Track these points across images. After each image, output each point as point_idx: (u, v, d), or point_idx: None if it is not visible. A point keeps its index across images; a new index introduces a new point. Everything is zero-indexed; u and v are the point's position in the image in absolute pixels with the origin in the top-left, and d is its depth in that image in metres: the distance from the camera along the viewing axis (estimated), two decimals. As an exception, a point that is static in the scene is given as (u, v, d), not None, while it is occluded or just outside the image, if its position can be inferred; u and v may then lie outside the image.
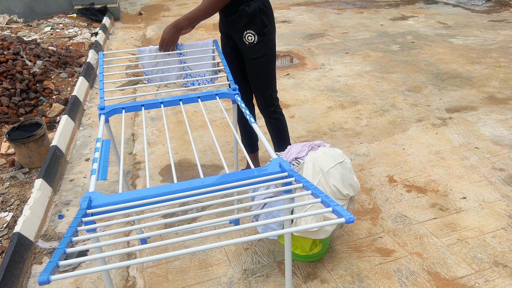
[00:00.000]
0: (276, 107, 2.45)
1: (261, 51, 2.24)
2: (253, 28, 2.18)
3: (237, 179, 1.28)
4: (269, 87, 2.36)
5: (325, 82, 4.35)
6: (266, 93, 2.37)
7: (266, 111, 2.44)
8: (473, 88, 4.04)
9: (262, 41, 2.22)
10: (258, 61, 2.27)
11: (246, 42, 2.22)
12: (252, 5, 2.14)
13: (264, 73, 2.31)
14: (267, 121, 2.48)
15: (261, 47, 2.23)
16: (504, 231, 2.25)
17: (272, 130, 2.51)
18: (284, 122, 2.51)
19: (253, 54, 2.25)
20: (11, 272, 2.01)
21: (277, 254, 2.19)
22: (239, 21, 2.18)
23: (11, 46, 4.25)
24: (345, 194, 1.90)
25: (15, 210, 2.58)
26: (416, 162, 2.91)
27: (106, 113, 1.78)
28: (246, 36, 2.20)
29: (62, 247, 0.95)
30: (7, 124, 3.47)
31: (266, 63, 2.29)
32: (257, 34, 2.20)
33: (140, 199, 1.20)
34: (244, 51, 2.27)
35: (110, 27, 6.76)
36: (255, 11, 2.15)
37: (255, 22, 2.17)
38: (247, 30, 2.19)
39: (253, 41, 2.21)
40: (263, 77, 2.33)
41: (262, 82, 2.34)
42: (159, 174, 2.94)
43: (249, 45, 2.22)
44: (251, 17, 2.16)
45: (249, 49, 2.24)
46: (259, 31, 2.19)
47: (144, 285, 2.06)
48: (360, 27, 6.33)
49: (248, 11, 2.15)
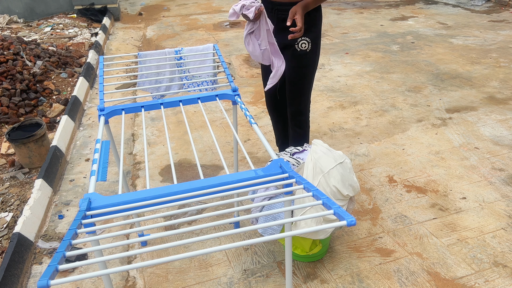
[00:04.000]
0: (306, 117, 2.39)
1: (310, 59, 2.18)
2: (309, 36, 2.11)
3: (238, 180, 1.28)
4: (304, 96, 2.30)
5: (325, 82, 4.35)
6: (301, 102, 2.31)
7: (295, 119, 2.38)
8: (473, 88, 4.04)
9: (314, 50, 2.15)
10: (305, 69, 2.20)
11: (298, 48, 2.13)
12: (313, 13, 2.07)
13: (305, 82, 2.24)
14: (292, 128, 2.42)
15: (311, 56, 2.17)
16: (504, 231, 2.26)
17: (293, 137, 2.45)
18: (308, 134, 2.45)
19: (302, 62, 2.17)
20: (11, 272, 2.01)
21: (277, 254, 2.19)
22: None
23: (11, 46, 4.25)
24: (345, 194, 1.90)
25: (15, 210, 2.58)
26: (416, 162, 2.92)
27: (105, 114, 1.78)
28: (300, 43, 2.11)
29: (61, 251, 0.94)
30: (7, 124, 3.47)
31: (310, 72, 2.23)
32: (311, 42, 2.12)
33: (139, 201, 1.20)
34: (293, 57, 2.17)
35: (110, 27, 6.76)
36: (314, 19, 2.08)
37: (312, 30, 2.10)
38: (303, 37, 2.10)
39: (306, 48, 2.13)
40: (302, 86, 2.25)
41: (301, 90, 2.26)
42: (159, 174, 2.94)
43: (301, 52, 2.14)
44: (309, 24, 2.08)
45: (299, 56, 2.15)
46: (314, 40, 2.13)
47: (144, 285, 2.06)
48: (360, 27, 6.33)
49: (307, 18, 2.06)
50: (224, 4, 8.18)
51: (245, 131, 3.46)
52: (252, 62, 5.02)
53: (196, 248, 2.26)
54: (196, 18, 7.38)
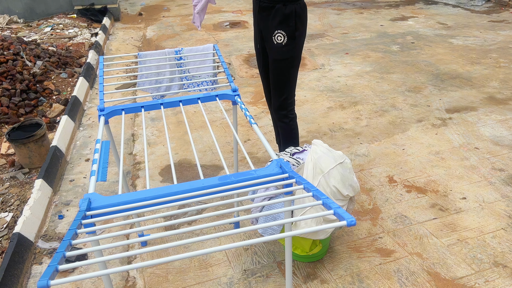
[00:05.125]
0: (289, 112, 2.42)
1: (287, 54, 2.21)
2: (285, 29, 2.15)
3: (238, 180, 1.28)
4: (286, 90, 2.34)
5: (325, 82, 4.35)
6: (282, 95, 2.35)
7: (278, 113, 2.42)
8: (473, 89, 4.04)
9: (290, 44, 2.19)
10: (281, 63, 2.24)
11: (275, 41, 2.19)
12: (290, 6, 2.11)
13: (284, 76, 2.28)
14: (277, 122, 2.47)
15: (288, 50, 2.20)
16: (504, 232, 2.26)
17: (280, 132, 2.50)
18: (294, 128, 2.48)
19: (278, 55, 2.22)
20: (11, 272, 2.01)
21: (277, 255, 2.19)
22: (273, 19, 2.15)
23: (11, 46, 4.25)
24: (345, 194, 1.90)
25: (15, 210, 2.58)
26: (416, 162, 2.91)
27: (105, 115, 1.78)
28: (275, 36, 2.17)
29: (61, 251, 0.94)
30: (7, 125, 3.47)
31: (288, 67, 2.26)
32: (287, 36, 2.16)
33: (139, 201, 1.20)
34: (270, 50, 2.25)
35: (110, 28, 6.76)
36: (291, 12, 2.12)
37: (288, 24, 2.14)
38: (278, 30, 2.15)
39: (282, 42, 2.17)
40: (282, 80, 2.30)
41: (280, 84, 2.31)
42: (159, 174, 2.94)
43: (277, 45, 2.19)
44: (286, 17, 2.12)
45: (275, 49, 2.21)
46: (290, 34, 2.16)
47: (144, 285, 2.06)
48: (360, 27, 6.33)
49: (284, 11, 2.11)
50: (224, 4, 8.19)
51: (245, 131, 3.46)
52: (252, 62, 5.02)
53: (196, 248, 2.26)
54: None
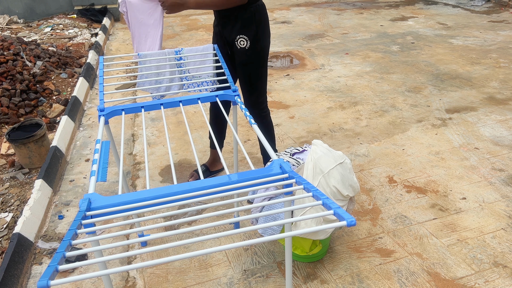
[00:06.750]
0: (261, 111, 2.47)
1: (251, 57, 2.26)
2: (246, 34, 2.20)
3: (238, 180, 1.28)
4: (254, 91, 2.39)
5: (325, 82, 4.35)
6: (251, 96, 2.41)
7: (250, 112, 2.48)
8: (473, 89, 4.04)
9: (254, 47, 2.24)
10: (247, 66, 2.30)
11: (238, 46, 2.24)
12: (249, 10, 2.16)
13: (251, 78, 2.34)
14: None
15: (251, 53, 2.25)
16: (504, 232, 2.26)
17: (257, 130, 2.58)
18: (268, 126, 2.53)
19: (243, 59, 2.27)
20: (11, 272, 2.01)
21: (277, 255, 2.19)
22: (234, 24, 2.20)
23: (11, 46, 4.25)
24: (345, 195, 1.90)
25: (15, 210, 2.58)
26: (416, 162, 2.92)
27: (105, 115, 1.78)
28: (238, 40, 2.22)
29: (61, 251, 0.94)
30: (7, 125, 3.47)
31: (254, 70, 2.31)
32: (250, 40, 2.21)
33: (139, 201, 1.20)
34: (235, 54, 2.29)
35: (110, 28, 6.76)
36: (250, 17, 2.17)
37: (250, 28, 2.19)
38: (240, 35, 2.21)
39: (245, 46, 2.22)
40: (249, 82, 2.35)
41: (246, 85, 2.37)
42: (159, 174, 2.94)
43: (241, 50, 2.24)
44: (246, 22, 2.17)
45: (240, 53, 2.26)
46: (252, 38, 2.21)
47: (144, 285, 2.06)
48: (360, 27, 6.33)
49: (244, 16, 2.16)
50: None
51: (245, 131, 3.46)
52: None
53: (196, 248, 2.26)
54: (196, 18, 7.39)
